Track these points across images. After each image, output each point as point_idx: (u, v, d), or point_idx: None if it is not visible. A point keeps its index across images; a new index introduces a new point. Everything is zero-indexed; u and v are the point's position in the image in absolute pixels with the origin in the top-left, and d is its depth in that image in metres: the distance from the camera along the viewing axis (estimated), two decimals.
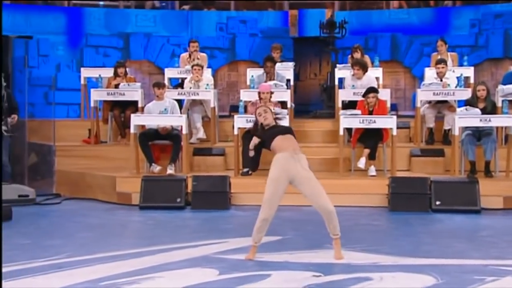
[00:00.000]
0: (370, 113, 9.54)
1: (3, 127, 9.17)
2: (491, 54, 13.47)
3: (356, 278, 5.40)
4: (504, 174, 9.31)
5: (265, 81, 10.50)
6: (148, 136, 9.71)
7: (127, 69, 11.46)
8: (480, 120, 9.16)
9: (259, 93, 9.59)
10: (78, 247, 6.58)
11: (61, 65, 13.57)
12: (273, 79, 10.69)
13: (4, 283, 5.25)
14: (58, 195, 10.04)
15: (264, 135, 6.05)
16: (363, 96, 9.64)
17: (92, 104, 10.90)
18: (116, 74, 11.07)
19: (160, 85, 10.05)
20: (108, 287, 5.20)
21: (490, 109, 9.50)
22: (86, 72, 12.08)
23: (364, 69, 10.57)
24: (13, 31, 12.48)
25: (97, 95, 10.83)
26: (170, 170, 9.47)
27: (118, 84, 10.83)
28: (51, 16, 13.83)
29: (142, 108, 10.46)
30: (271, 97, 9.59)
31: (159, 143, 9.85)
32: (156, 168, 9.51)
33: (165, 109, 9.85)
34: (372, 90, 9.65)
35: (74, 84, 12.71)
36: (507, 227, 7.78)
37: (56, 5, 14.59)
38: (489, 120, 9.17)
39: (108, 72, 11.37)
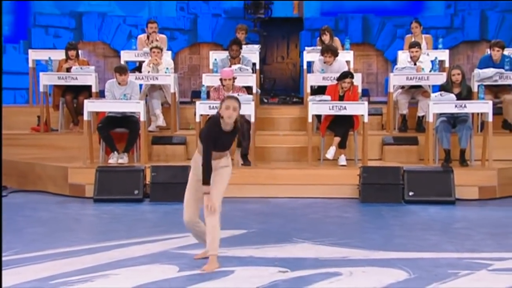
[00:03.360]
0: (341, 98, 9.60)
1: None
2: (467, 37, 13.66)
3: (324, 273, 5.45)
4: (479, 163, 9.44)
5: (229, 66, 10.49)
6: (108, 124, 9.66)
7: (80, 51, 11.37)
8: (455, 106, 9.26)
9: (220, 79, 9.56)
10: (27, 243, 6.52)
11: (7, 47, 13.38)
12: (239, 63, 10.68)
13: None
14: (4, 188, 9.91)
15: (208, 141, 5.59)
16: (338, 79, 9.68)
17: (41, 89, 10.78)
18: (67, 57, 10.96)
19: (122, 70, 9.77)
20: (59, 285, 5.16)
21: (466, 94, 9.59)
22: (34, 54, 11.92)
23: (335, 55, 10.61)
24: None
25: (47, 79, 10.72)
26: (121, 160, 9.48)
27: (70, 67, 10.75)
28: None
29: (96, 93, 10.41)
30: (234, 82, 9.57)
31: (116, 131, 9.76)
32: (122, 159, 9.48)
33: (124, 95, 9.70)
34: (348, 74, 9.69)
35: (21, 67, 12.58)
36: (482, 218, 7.90)
37: None
38: (465, 106, 9.26)
39: (59, 55, 11.26)
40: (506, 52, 10.62)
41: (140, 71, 10.95)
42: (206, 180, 5.57)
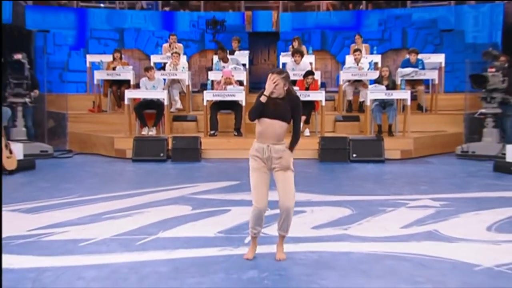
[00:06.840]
0: (307, 89, 9.53)
1: (28, 99, 9.04)
2: (393, 46, 13.57)
3: (294, 211, 5.43)
4: (401, 134, 9.44)
5: (222, 67, 10.38)
6: (142, 107, 9.57)
7: (122, 55, 11.21)
8: (385, 94, 9.25)
9: (222, 76, 9.48)
10: (86, 190, 6.48)
11: (72, 52, 13.19)
12: (227, 62, 10.57)
13: (30, 216, 5.22)
14: (70, 151, 9.85)
15: (258, 105, 4.02)
16: (304, 76, 9.60)
17: (95, 82, 10.71)
18: (113, 59, 10.85)
19: (148, 69, 9.82)
20: (109, 219, 5.14)
21: (392, 86, 9.60)
22: (90, 58, 11.75)
23: (302, 55, 10.53)
24: (34, 26, 12.30)
25: (99, 75, 10.61)
26: (151, 132, 9.41)
27: (115, 67, 10.64)
28: (63, 15, 13.48)
29: (134, 85, 10.31)
30: (231, 78, 9.48)
31: (147, 112, 9.69)
32: (151, 131, 9.41)
33: (153, 86, 9.66)
34: (311, 73, 9.63)
35: (81, 67, 12.40)
36: (403, 172, 7.91)
37: (67, 6, 14.16)
38: (391, 94, 9.28)
39: (107, 58, 11.17)
40: (420, 56, 10.62)
41: (164, 70, 10.83)
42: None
